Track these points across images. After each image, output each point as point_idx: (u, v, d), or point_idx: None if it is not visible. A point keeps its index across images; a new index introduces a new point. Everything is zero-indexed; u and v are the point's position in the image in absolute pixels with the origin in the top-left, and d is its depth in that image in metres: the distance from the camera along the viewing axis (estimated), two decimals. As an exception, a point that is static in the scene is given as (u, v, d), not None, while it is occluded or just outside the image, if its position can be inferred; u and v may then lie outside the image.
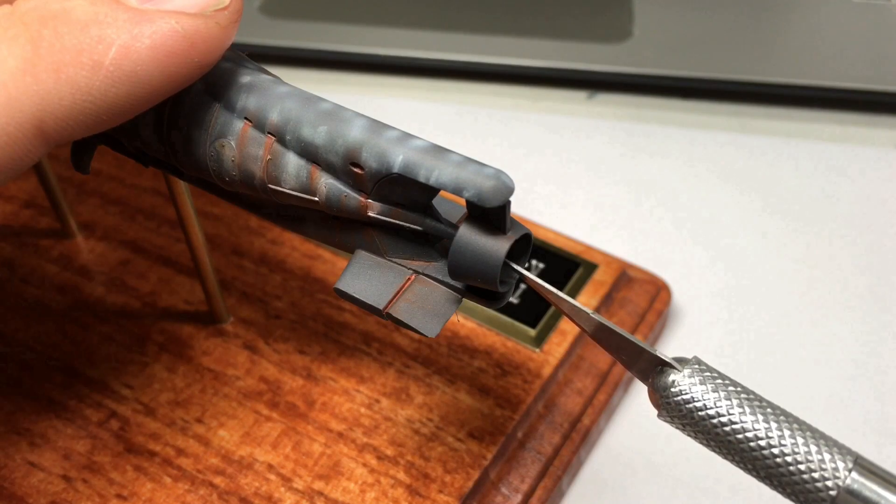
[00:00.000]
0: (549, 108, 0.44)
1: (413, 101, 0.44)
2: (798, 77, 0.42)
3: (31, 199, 0.35)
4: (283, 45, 0.44)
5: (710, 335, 0.33)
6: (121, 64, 0.17)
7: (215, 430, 0.27)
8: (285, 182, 0.20)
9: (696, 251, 0.37)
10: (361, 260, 0.20)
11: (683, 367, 0.19)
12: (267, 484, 0.26)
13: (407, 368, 0.29)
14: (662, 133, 0.42)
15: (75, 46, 0.17)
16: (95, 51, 0.17)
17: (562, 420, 0.28)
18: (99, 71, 0.17)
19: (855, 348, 0.33)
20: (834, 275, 0.35)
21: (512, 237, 0.19)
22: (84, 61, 0.17)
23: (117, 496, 0.26)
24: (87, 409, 0.28)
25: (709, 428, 0.18)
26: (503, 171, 0.18)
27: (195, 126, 0.20)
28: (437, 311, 0.20)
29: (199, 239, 0.27)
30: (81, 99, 0.17)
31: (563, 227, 0.36)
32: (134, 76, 0.17)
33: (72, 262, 0.32)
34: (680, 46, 0.44)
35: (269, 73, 0.21)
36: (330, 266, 0.32)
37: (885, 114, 0.43)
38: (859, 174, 0.40)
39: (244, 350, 0.29)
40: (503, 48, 0.44)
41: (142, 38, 0.17)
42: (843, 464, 0.17)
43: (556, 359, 0.29)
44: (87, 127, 0.18)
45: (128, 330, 0.30)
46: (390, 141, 0.19)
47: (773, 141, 0.42)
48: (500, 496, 0.26)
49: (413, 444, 0.27)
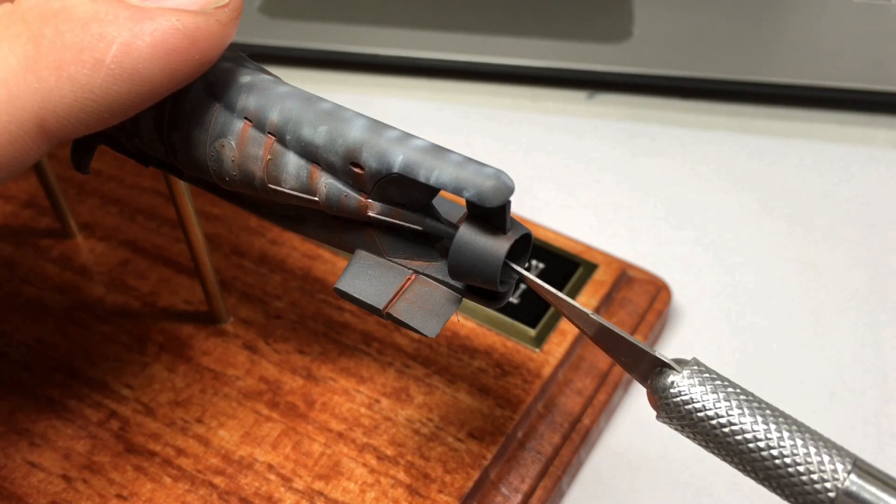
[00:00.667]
0: (549, 108, 0.44)
1: (413, 101, 0.44)
2: (798, 77, 0.42)
3: (31, 199, 0.35)
4: (283, 45, 0.44)
5: (710, 335, 0.33)
6: (122, 61, 0.17)
7: (215, 430, 0.27)
8: (285, 182, 0.20)
9: (696, 251, 0.37)
10: (361, 260, 0.20)
11: (682, 368, 0.19)
12: (267, 484, 0.26)
13: (407, 368, 0.29)
14: (662, 133, 0.42)
15: (76, 44, 0.17)
16: (97, 48, 0.17)
17: (562, 420, 0.28)
18: (100, 69, 0.17)
19: (855, 348, 0.33)
20: (834, 275, 0.35)
21: (512, 237, 0.19)
22: (85, 59, 0.17)
23: (117, 496, 0.26)
24: (87, 409, 0.28)
25: (707, 429, 0.18)
26: (503, 170, 0.18)
27: (195, 126, 0.20)
28: (437, 311, 0.20)
29: (199, 239, 0.27)
30: (83, 96, 0.17)
31: (563, 227, 0.36)
32: (135, 74, 0.17)
33: (72, 262, 0.32)
34: (680, 46, 0.44)
35: (269, 73, 0.21)
36: (330, 266, 0.32)
37: (885, 114, 0.43)
38: (859, 174, 0.40)
39: (244, 350, 0.29)
40: (503, 48, 0.44)
41: (143, 36, 0.17)
42: (841, 466, 0.17)
43: (556, 359, 0.29)
44: (89, 125, 0.18)
45: (128, 330, 0.30)
46: (390, 141, 0.19)
47: (773, 141, 0.42)
48: (500, 496, 0.26)
49: (413, 444, 0.27)
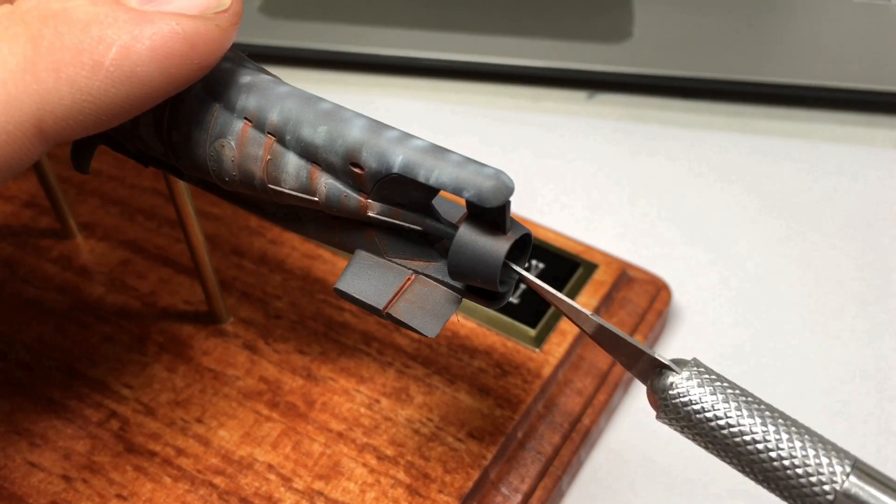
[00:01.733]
0: (549, 108, 0.44)
1: (413, 101, 0.44)
2: (798, 77, 0.42)
3: (31, 199, 0.35)
4: (283, 45, 0.44)
5: (710, 335, 0.33)
6: (121, 64, 0.17)
7: (215, 430, 0.27)
8: (285, 182, 0.20)
9: (696, 251, 0.37)
10: (361, 260, 0.20)
11: (682, 368, 0.19)
12: (267, 484, 0.26)
13: (407, 368, 0.29)
14: (662, 133, 0.42)
15: (76, 46, 0.17)
16: (96, 51, 0.17)
17: (562, 420, 0.28)
18: (99, 71, 0.17)
19: (855, 348, 0.33)
20: (834, 275, 0.35)
21: (512, 237, 0.19)
22: (84, 61, 0.17)
23: (117, 496, 0.26)
24: (87, 409, 0.28)
25: (707, 430, 0.18)
26: (503, 170, 0.18)
27: (195, 126, 0.20)
28: (436, 311, 0.20)
29: (199, 239, 0.27)
30: (81, 98, 0.17)
31: (563, 227, 0.36)
32: (134, 77, 0.17)
33: (72, 262, 0.32)
34: (680, 46, 0.44)
35: (269, 73, 0.21)
36: (330, 266, 0.32)
37: (885, 114, 0.43)
38: (859, 174, 0.40)
39: (244, 350, 0.29)
40: (503, 48, 0.44)
41: (142, 39, 0.17)
42: (840, 467, 0.17)
43: (556, 359, 0.29)
44: (87, 127, 0.18)
45: (128, 330, 0.30)
46: (390, 141, 0.19)
47: (773, 141, 0.42)
48: (500, 496, 0.26)
49: (413, 444, 0.27)
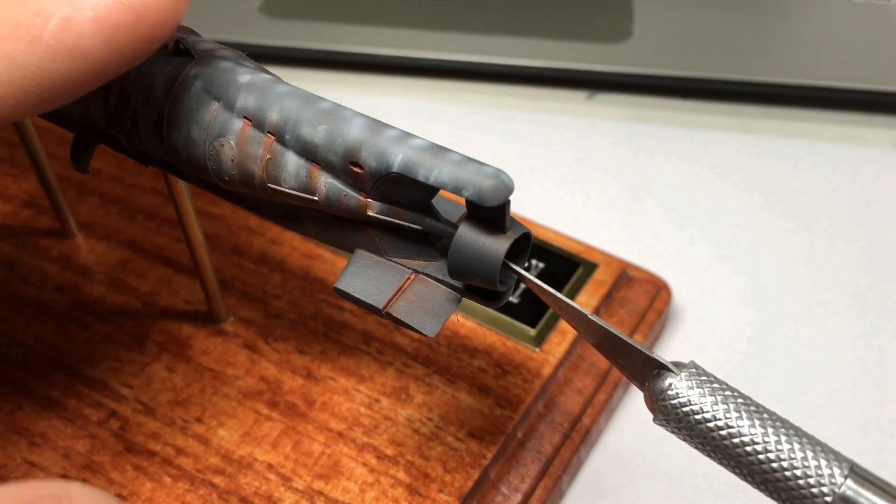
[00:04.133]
0: (549, 108, 0.44)
1: (413, 100, 0.44)
2: (798, 77, 0.42)
3: (30, 198, 0.35)
4: (283, 45, 0.44)
5: (710, 335, 0.33)
6: (61, 37, 0.16)
7: (215, 430, 0.27)
8: (285, 181, 0.20)
9: (696, 251, 0.37)
10: (361, 259, 0.20)
11: (680, 371, 0.18)
12: (267, 483, 0.26)
13: (407, 368, 0.29)
14: (662, 133, 0.42)
15: (11, 20, 0.16)
16: (33, 24, 0.16)
17: (562, 420, 0.28)
18: (38, 45, 0.16)
19: (855, 348, 0.33)
20: (834, 275, 0.35)
21: (511, 236, 0.19)
22: (21, 35, 0.16)
23: (117, 496, 0.26)
24: (87, 409, 0.28)
25: (704, 433, 0.18)
26: (503, 170, 0.18)
27: (194, 125, 0.20)
28: (436, 311, 0.20)
29: (199, 239, 0.27)
30: (20, 75, 0.16)
31: (563, 227, 0.36)
32: (77, 51, 0.17)
33: (72, 261, 0.32)
34: (680, 46, 0.44)
35: (268, 72, 0.21)
36: (330, 266, 0.32)
37: (885, 114, 0.43)
38: (859, 174, 0.40)
39: (244, 350, 0.29)
40: (503, 48, 0.44)
41: (83, 10, 0.16)
42: (838, 471, 0.17)
43: (556, 358, 0.29)
44: (30, 105, 0.17)
45: (128, 330, 0.30)
46: (390, 140, 0.19)
47: (773, 141, 0.42)
48: (500, 496, 0.26)
49: (413, 443, 0.27)
